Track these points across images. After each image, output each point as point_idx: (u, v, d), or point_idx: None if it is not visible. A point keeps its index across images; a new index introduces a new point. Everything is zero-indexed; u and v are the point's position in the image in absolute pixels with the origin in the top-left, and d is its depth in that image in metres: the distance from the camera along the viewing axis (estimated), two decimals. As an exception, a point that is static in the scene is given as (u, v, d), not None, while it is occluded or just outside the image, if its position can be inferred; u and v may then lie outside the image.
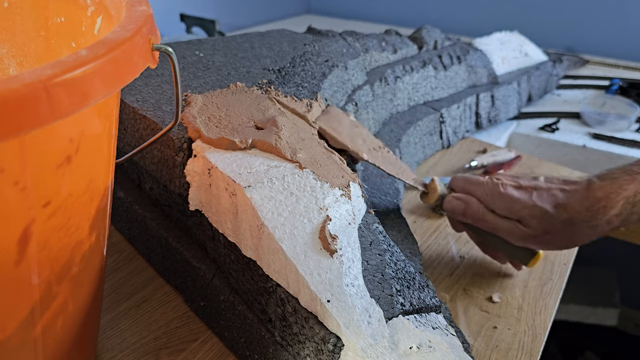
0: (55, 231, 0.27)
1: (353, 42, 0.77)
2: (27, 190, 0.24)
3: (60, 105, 0.22)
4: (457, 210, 0.50)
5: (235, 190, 0.38)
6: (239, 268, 0.41)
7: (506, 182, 0.48)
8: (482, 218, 0.49)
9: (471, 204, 0.49)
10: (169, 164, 0.45)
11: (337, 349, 0.32)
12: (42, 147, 0.24)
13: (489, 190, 0.48)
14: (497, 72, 0.99)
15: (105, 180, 0.32)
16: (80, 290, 0.33)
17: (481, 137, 0.92)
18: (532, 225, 0.46)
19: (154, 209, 0.53)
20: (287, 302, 0.35)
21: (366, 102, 0.71)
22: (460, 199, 0.50)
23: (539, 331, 0.50)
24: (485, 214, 0.49)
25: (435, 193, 0.52)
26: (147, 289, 0.52)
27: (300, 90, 0.57)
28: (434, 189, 0.52)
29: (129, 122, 0.49)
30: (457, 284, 0.56)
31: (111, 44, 0.25)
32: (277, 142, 0.42)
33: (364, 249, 0.38)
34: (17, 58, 0.43)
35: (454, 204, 0.51)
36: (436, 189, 0.52)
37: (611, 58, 1.42)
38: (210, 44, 0.66)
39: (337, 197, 0.39)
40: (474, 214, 0.49)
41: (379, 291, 0.35)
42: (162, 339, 0.47)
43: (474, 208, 0.49)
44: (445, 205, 0.52)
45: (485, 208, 0.49)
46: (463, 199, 0.50)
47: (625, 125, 0.98)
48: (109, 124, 0.31)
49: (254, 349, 0.41)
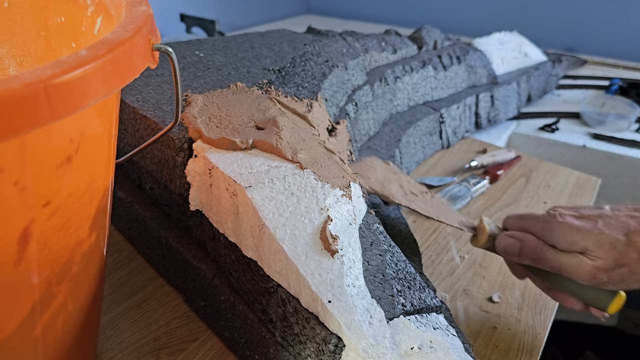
0: (55, 231, 0.27)
1: (353, 42, 0.77)
2: (27, 190, 0.24)
3: (60, 105, 0.21)
4: (511, 250, 0.44)
5: (236, 191, 0.38)
6: (239, 268, 0.41)
7: (565, 212, 0.42)
8: (540, 256, 0.42)
9: (527, 240, 0.43)
10: (170, 164, 0.45)
11: (338, 350, 0.32)
12: (42, 147, 0.24)
13: (545, 223, 0.42)
14: (497, 72, 0.99)
15: (105, 180, 0.32)
16: (80, 290, 0.33)
17: (481, 137, 0.92)
18: (599, 257, 0.39)
19: (155, 209, 0.53)
20: (288, 302, 0.35)
21: (366, 102, 0.71)
22: (514, 236, 0.44)
23: (539, 331, 0.50)
24: (543, 250, 0.42)
25: (484, 234, 0.45)
26: (147, 289, 0.52)
27: (301, 91, 0.57)
28: (482, 229, 0.46)
29: (129, 122, 0.49)
30: (457, 284, 0.56)
31: (111, 44, 0.25)
32: (278, 142, 0.42)
33: (364, 249, 0.38)
34: (17, 58, 0.43)
35: (507, 243, 0.44)
36: (485, 229, 0.46)
37: (611, 58, 1.42)
38: (210, 44, 0.66)
39: (338, 198, 0.39)
40: (531, 251, 0.42)
41: (380, 291, 0.35)
42: (162, 338, 0.47)
43: (530, 245, 0.42)
44: (498, 246, 0.45)
45: (543, 244, 0.42)
46: (517, 237, 0.44)
47: (625, 125, 0.98)
48: (109, 124, 0.31)
49: (255, 349, 0.41)
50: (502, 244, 0.45)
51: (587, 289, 0.42)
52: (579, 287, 0.42)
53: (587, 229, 0.40)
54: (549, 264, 0.42)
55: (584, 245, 0.40)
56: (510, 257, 0.44)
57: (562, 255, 0.41)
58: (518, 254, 0.43)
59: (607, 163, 0.93)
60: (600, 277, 0.40)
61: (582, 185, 0.77)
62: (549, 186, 0.77)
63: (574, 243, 0.40)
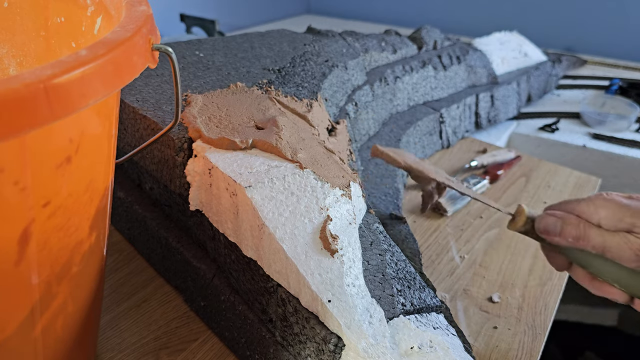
0: (55, 231, 0.27)
1: (353, 42, 0.77)
2: (27, 190, 0.24)
3: (60, 105, 0.21)
4: (552, 228, 0.41)
5: (236, 190, 0.38)
6: (239, 268, 0.41)
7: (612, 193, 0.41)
8: (583, 235, 0.39)
9: (569, 218, 0.40)
10: (170, 164, 0.45)
11: (338, 349, 0.32)
12: (42, 147, 0.24)
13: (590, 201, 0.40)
14: (497, 72, 0.99)
15: (105, 180, 0.32)
16: (80, 290, 0.33)
17: (481, 137, 0.92)
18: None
19: (154, 208, 0.53)
20: (288, 302, 0.35)
21: (366, 102, 0.71)
22: (555, 215, 0.41)
23: (539, 331, 0.50)
24: (587, 228, 0.40)
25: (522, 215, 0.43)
26: (147, 289, 0.52)
27: (301, 90, 0.57)
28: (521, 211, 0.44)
29: (129, 122, 0.49)
30: (457, 284, 0.56)
31: (111, 44, 0.25)
32: (278, 142, 0.42)
33: (364, 249, 0.38)
34: (17, 58, 0.43)
35: (548, 221, 0.41)
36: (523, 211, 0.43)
37: (611, 58, 1.42)
38: (210, 44, 0.66)
39: (338, 197, 0.39)
40: (574, 230, 0.40)
41: (379, 291, 0.35)
42: (162, 339, 0.47)
43: (572, 222, 0.40)
44: (538, 225, 0.42)
45: (586, 222, 0.40)
46: (558, 215, 0.41)
47: (625, 125, 0.98)
48: (109, 124, 0.31)
49: (255, 349, 0.41)
50: (543, 222, 0.42)
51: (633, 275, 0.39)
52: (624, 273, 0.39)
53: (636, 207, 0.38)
54: (592, 242, 0.39)
55: (632, 222, 0.37)
56: (551, 237, 0.41)
57: (607, 234, 0.39)
58: (560, 232, 0.40)
59: (607, 163, 0.93)
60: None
61: (582, 185, 0.77)
62: (549, 186, 0.77)
63: (621, 220, 0.38)
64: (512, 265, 0.59)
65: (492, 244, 0.62)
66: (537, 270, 0.58)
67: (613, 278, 0.40)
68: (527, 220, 0.43)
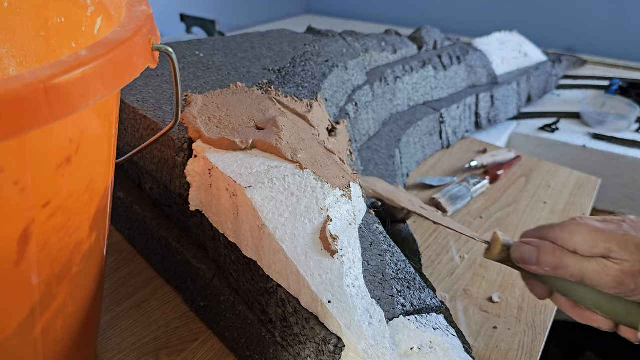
0: (55, 231, 0.27)
1: (353, 42, 0.77)
2: (27, 190, 0.24)
3: (60, 105, 0.21)
4: (528, 257, 0.40)
5: (236, 191, 0.38)
6: (239, 268, 0.41)
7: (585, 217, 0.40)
8: (560, 263, 0.38)
9: (544, 246, 0.39)
10: (170, 164, 0.45)
11: (338, 350, 0.32)
12: (42, 147, 0.24)
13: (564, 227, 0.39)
14: (497, 72, 0.99)
15: (105, 180, 0.32)
16: (80, 290, 0.33)
17: (481, 137, 0.92)
18: (624, 259, 0.36)
19: (154, 209, 0.53)
20: (288, 302, 0.35)
21: (366, 102, 0.71)
22: (531, 243, 0.40)
23: (539, 331, 0.50)
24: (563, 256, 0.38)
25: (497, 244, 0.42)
26: (147, 289, 0.52)
27: (301, 91, 0.57)
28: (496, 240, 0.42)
29: (129, 122, 0.49)
30: (457, 284, 0.56)
31: (111, 44, 0.25)
32: (278, 142, 0.42)
33: (364, 249, 0.38)
34: (17, 58, 0.43)
35: (524, 250, 0.40)
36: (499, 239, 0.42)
37: (611, 58, 1.42)
38: (211, 44, 0.66)
39: (338, 198, 0.39)
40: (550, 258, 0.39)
41: (379, 292, 0.35)
42: (162, 339, 0.47)
43: (548, 250, 0.39)
44: (514, 254, 0.41)
45: (562, 249, 0.39)
46: (534, 243, 0.40)
47: (625, 125, 0.98)
48: (109, 124, 0.31)
49: (255, 350, 0.41)
50: (519, 251, 0.41)
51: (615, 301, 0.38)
52: (605, 299, 0.38)
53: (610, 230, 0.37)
54: (569, 270, 0.38)
55: (607, 246, 0.36)
56: (528, 266, 0.40)
57: (584, 261, 0.37)
58: (536, 261, 0.39)
59: (607, 163, 0.93)
60: (627, 284, 0.36)
61: (582, 185, 0.77)
62: (549, 186, 0.77)
63: (596, 245, 0.37)
64: (512, 266, 0.59)
65: (492, 244, 0.62)
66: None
67: (595, 305, 0.39)
68: (503, 249, 0.42)
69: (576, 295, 0.39)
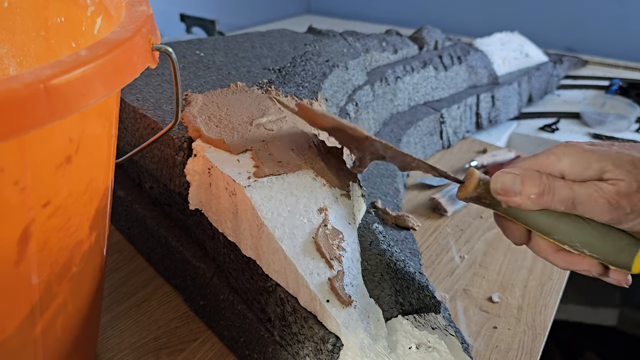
0: (55, 231, 0.27)
1: (354, 42, 0.77)
2: (27, 190, 0.24)
3: (60, 105, 0.22)
4: (510, 187, 0.34)
5: (235, 190, 0.38)
6: (238, 267, 0.41)
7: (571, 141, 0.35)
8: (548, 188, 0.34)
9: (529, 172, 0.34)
10: (169, 163, 0.45)
11: (336, 349, 0.32)
12: (42, 147, 0.24)
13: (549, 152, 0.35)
14: (498, 72, 0.99)
15: (105, 180, 0.32)
16: (80, 290, 0.33)
17: (481, 137, 0.92)
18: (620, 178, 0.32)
19: (154, 208, 0.53)
20: (287, 301, 0.36)
21: (366, 102, 0.71)
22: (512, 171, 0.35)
23: (539, 331, 0.50)
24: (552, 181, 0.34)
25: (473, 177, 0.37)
26: (147, 289, 0.52)
27: (301, 90, 0.57)
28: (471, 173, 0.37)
29: (129, 122, 0.49)
30: (457, 284, 0.56)
31: (111, 44, 0.25)
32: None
33: (363, 248, 0.38)
34: (17, 58, 0.43)
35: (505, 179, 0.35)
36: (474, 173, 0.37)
37: (611, 58, 1.42)
38: (211, 43, 0.66)
39: (337, 197, 0.39)
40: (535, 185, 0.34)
41: (378, 291, 0.35)
42: (162, 338, 0.47)
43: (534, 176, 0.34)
44: (494, 185, 0.35)
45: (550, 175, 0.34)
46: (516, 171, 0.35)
47: (625, 126, 0.98)
48: (109, 124, 0.31)
49: (254, 349, 0.41)
50: (499, 180, 0.35)
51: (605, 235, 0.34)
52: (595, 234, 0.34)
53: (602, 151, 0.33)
54: (558, 196, 0.33)
55: (600, 166, 0.33)
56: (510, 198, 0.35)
57: (575, 185, 0.33)
58: (519, 190, 0.34)
59: (607, 163, 0.92)
60: (622, 206, 0.32)
61: (582, 185, 0.77)
62: (549, 186, 0.77)
63: (589, 166, 0.33)
64: (512, 265, 0.59)
65: (492, 244, 0.62)
66: (537, 270, 0.58)
67: (582, 242, 0.35)
68: (479, 184, 0.37)
69: (561, 232, 0.35)
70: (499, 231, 0.65)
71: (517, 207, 0.35)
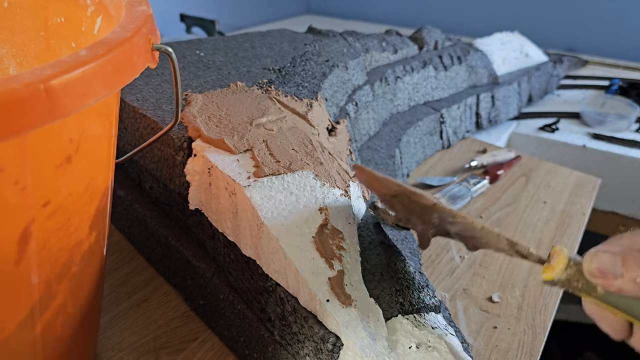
0: (54, 231, 0.27)
1: (354, 42, 0.77)
2: (27, 190, 0.24)
3: (60, 105, 0.22)
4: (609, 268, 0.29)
5: (235, 190, 0.38)
6: (238, 267, 0.41)
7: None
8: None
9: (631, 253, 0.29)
10: (169, 163, 0.45)
11: (336, 349, 0.32)
12: (42, 147, 0.24)
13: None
14: (498, 72, 0.99)
15: (105, 180, 0.32)
16: (80, 290, 0.33)
17: (481, 137, 0.92)
18: None
19: (154, 207, 0.53)
20: (287, 301, 0.36)
21: (366, 102, 0.71)
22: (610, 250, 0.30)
23: (538, 331, 0.50)
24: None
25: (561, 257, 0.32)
26: (147, 289, 0.52)
27: (301, 90, 0.57)
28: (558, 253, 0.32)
29: (129, 121, 0.49)
30: (457, 284, 0.56)
31: (111, 44, 0.25)
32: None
33: (363, 248, 0.38)
34: (17, 58, 0.43)
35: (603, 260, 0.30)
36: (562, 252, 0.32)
37: (611, 58, 1.42)
38: (211, 43, 0.66)
39: (337, 197, 0.39)
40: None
41: (378, 291, 0.35)
42: (162, 338, 0.47)
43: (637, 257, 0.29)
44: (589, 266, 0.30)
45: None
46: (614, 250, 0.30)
47: (625, 125, 0.98)
48: (109, 123, 0.31)
49: (254, 348, 0.41)
50: (595, 260, 0.30)
51: None
52: None
53: None
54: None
55: None
56: (609, 282, 0.30)
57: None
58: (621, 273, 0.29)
59: (607, 163, 0.93)
60: None
61: (582, 185, 0.77)
62: (549, 186, 0.77)
63: None
64: (512, 265, 0.59)
65: (491, 244, 0.62)
66: (537, 270, 0.58)
67: None
68: (570, 264, 0.31)
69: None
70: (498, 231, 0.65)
71: (617, 292, 0.29)
